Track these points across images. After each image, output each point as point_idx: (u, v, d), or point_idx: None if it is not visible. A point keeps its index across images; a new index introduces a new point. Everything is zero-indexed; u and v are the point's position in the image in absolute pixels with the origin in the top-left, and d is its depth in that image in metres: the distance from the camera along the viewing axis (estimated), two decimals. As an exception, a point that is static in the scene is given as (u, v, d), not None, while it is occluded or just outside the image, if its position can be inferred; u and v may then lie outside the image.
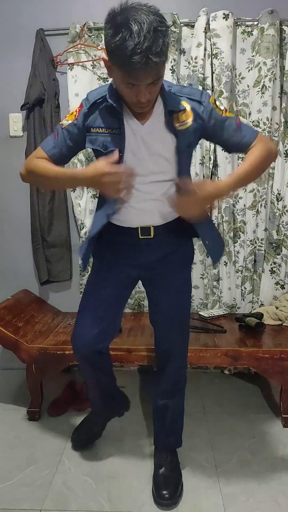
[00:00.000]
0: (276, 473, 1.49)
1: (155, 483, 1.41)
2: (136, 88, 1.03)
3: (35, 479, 1.47)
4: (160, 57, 0.96)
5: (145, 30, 0.92)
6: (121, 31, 0.93)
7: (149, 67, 0.96)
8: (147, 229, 1.26)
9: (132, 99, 1.07)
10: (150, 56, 0.94)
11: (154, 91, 1.07)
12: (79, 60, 2.00)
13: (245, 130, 1.22)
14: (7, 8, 2.05)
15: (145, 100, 1.06)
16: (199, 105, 1.19)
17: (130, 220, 1.26)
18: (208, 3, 1.92)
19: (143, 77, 0.99)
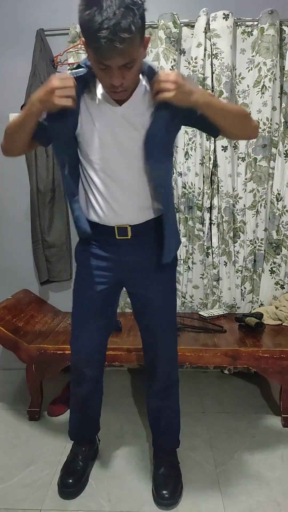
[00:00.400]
0: (276, 473, 1.50)
1: (155, 483, 1.41)
2: (109, 71, 1.00)
3: (35, 479, 1.47)
4: (129, 34, 0.91)
5: (115, 7, 0.90)
6: (92, 6, 0.91)
7: (117, 44, 0.92)
8: (124, 229, 1.24)
9: (107, 83, 1.05)
10: (117, 33, 0.90)
11: (129, 77, 1.03)
12: (79, 60, 1.99)
13: None
14: (7, 8, 2.05)
15: (118, 84, 1.03)
16: None
17: (108, 217, 1.23)
18: (208, 3, 1.92)
19: (111, 56, 0.95)
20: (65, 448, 1.62)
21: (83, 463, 1.47)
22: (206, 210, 2.05)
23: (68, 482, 1.41)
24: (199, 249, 2.08)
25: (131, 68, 1.02)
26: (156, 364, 1.40)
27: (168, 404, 1.45)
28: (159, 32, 1.93)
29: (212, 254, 2.10)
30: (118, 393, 2.04)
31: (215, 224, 2.06)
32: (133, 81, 1.09)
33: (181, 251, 2.12)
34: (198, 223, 2.06)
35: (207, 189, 2.03)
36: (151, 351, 1.41)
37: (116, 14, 0.90)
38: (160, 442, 1.50)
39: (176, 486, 1.39)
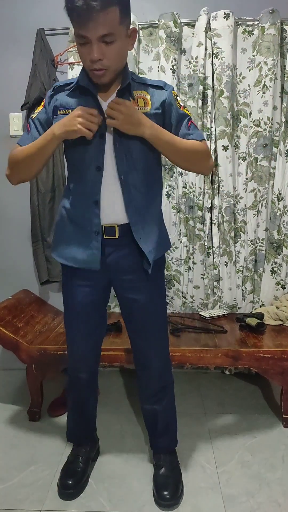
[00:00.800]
0: (277, 473, 1.49)
1: (156, 484, 1.40)
2: (89, 46, 1.04)
3: (35, 480, 1.47)
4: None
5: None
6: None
7: (93, 11, 0.97)
8: (111, 228, 1.23)
9: (87, 61, 1.08)
10: None
11: (109, 54, 1.06)
12: (79, 60, 1.99)
13: (193, 130, 1.22)
14: (7, 8, 2.05)
15: (97, 58, 1.05)
16: (161, 91, 1.21)
17: None
18: (209, 3, 1.91)
19: (87, 23, 0.99)
20: (66, 448, 1.62)
21: (83, 464, 1.46)
22: (206, 210, 2.05)
23: (68, 483, 1.40)
24: (199, 249, 2.07)
25: (110, 43, 1.04)
26: (147, 367, 1.39)
27: (163, 406, 1.43)
28: (159, 32, 1.92)
29: (213, 254, 2.10)
30: (118, 393, 2.04)
31: (216, 224, 2.06)
32: (114, 62, 1.09)
33: (181, 251, 2.12)
34: (199, 223, 2.06)
35: (208, 188, 2.03)
36: (141, 354, 1.39)
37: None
38: (158, 444, 1.49)
39: (176, 486, 1.39)
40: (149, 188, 1.26)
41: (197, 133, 1.22)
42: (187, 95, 2.00)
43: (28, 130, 1.25)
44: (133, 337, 1.39)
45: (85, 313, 1.34)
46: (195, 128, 1.23)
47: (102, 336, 1.46)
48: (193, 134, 1.21)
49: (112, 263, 1.27)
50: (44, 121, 1.24)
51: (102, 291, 1.35)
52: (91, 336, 1.39)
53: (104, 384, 1.53)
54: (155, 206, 1.31)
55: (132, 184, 1.20)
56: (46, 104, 1.24)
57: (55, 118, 1.21)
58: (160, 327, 1.38)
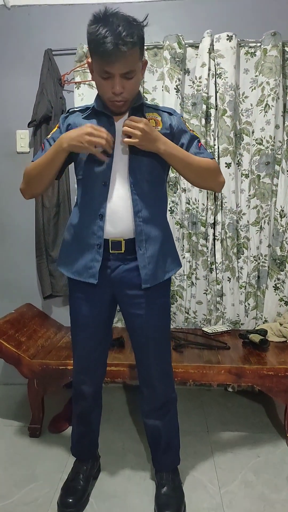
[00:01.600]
0: (281, 494, 1.46)
1: (158, 503, 1.38)
2: (111, 80, 1.12)
3: (35, 497, 1.45)
4: (131, 39, 1.05)
5: (119, 21, 1.06)
6: (99, 22, 1.07)
7: (121, 47, 1.05)
8: (117, 242, 1.25)
9: (108, 93, 1.15)
10: (121, 38, 1.04)
11: (128, 87, 1.14)
12: (85, 79, 2.05)
13: (203, 150, 1.30)
14: (17, 29, 2.11)
15: (119, 92, 1.13)
16: (170, 115, 1.29)
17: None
18: (212, 25, 1.97)
19: (115, 60, 1.07)
20: (66, 466, 1.60)
21: (84, 482, 1.44)
22: (209, 225, 2.06)
23: (68, 502, 1.38)
24: (202, 264, 2.08)
25: (130, 79, 1.13)
26: (150, 383, 1.38)
27: (165, 422, 1.42)
28: (164, 52, 1.97)
29: (216, 269, 2.10)
30: (120, 410, 2.02)
31: (219, 239, 2.07)
32: (132, 94, 1.18)
33: (184, 267, 2.12)
34: (202, 239, 2.07)
35: (211, 205, 2.04)
36: (143, 368, 1.39)
37: (119, 26, 1.05)
38: (160, 461, 1.47)
39: (179, 506, 1.36)
40: (156, 202, 1.29)
41: (207, 153, 1.30)
42: (190, 114, 2.04)
43: (42, 148, 1.31)
44: (136, 351, 1.39)
45: (90, 326, 1.35)
46: (205, 149, 1.31)
47: (107, 350, 1.46)
48: (204, 153, 1.29)
49: (117, 277, 1.28)
50: None
51: (107, 305, 1.36)
52: (96, 349, 1.39)
53: (106, 400, 1.51)
54: (162, 220, 1.33)
55: (140, 197, 1.23)
56: (61, 125, 1.30)
57: None
58: (163, 343, 1.38)
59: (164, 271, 1.31)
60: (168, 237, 1.35)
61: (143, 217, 1.24)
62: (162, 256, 1.30)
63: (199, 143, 1.30)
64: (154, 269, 1.27)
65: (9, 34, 2.12)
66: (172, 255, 1.36)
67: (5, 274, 2.29)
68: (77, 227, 1.30)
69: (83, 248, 1.27)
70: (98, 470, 1.56)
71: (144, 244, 1.25)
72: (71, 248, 1.32)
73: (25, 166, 2.24)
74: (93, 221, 1.24)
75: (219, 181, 1.32)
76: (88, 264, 1.27)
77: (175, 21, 2.03)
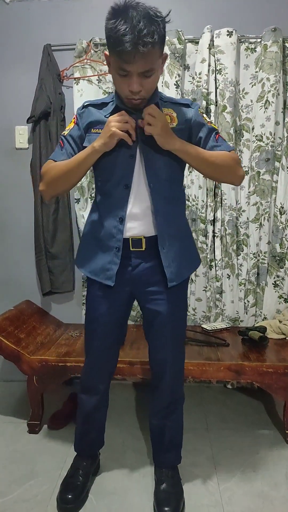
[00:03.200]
0: (280, 491, 1.46)
1: (157, 500, 1.38)
2: (129, 77, 1.08)
3: (35, 494, 1.45)
4: (151, 39, 1.00)
5: (139, 17, 0.99)
6: (118, 16, 1.01)
7: (140, 48, 1.00)
8: (138, 240, 1.25)
9: (125, 91, 1.12)
10: (140, 38, 0.99)
11: (146, 86, 1.11)
12: (85, 75, 2.03)
13: (221, 142, 1.26)
14: (16, 24, 2.10)
15: (137, 90, 1.10)
16: (187, 108, 1.26)
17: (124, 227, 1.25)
18: (212, 20, 1.96)
19: (134, 60, 1.03)
20: (66, 462, 1.60)
21: (83, 478, 1.44)
22: (209, 222, 2.06)
23: (67, 498, 1.38)
24: (202, 261, 2.07)
25: (149, 77, 1.09)
26: (161, 380, 1.38)
27: (171, 421, 1.43)
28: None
29: (215, 266, 2.10)
30: (120, 407, 2.02)
31: (218, 236, 2.07)
32: (149, 92, 1.15)
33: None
34: (201, 236, 2.06)
35: (211, 202, 2.04)
36: (157, 366, 1.39)
37: (140, 23, 0.99)
38: (161, 458, 1.47)
39: (178, 503, 1.36)
40: (174, 200, 1.29)
41: (225, 145, 1.26)
42: (190, 109, 2.03)
43: (61, 145, 1.28)
44: (151, 346, 1.39)
45: (106, 324, 1.35)
46: (223, 140, 1.26)
47: (119, 348, 1.47)
48: (222, 145, 1.25)
49: (138, 275, 1.29)
50: (77, 137, 1.28)
51: (124, 304, 1.36)
52: (110, 348, 1.40)
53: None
54: (181, 218, 1.33)
55: (158, 196, 1.23)
56: (78, 121, 1.28)
57: (87, 135, 1.26)
58: (178, 340, 1.39)
59: (186, 268, 1.33)
60: (188, 235, 1.36)
61: (163, 216, 1.24)
62: (184, 254, 1.31)
63: (216, 136, 1.25)
64: (178, 267, 1.28)
65: (8, 29, 2.10)
66: (193, 252, 1.38)
67: (4, 271, 2.28)
68: (97, 228, 1.30)
69: (102, 250, 1.28)
70: (97, 467, 1.56)
71: (166, 243, 1.25)
72: (90, 247, 1.33)
73: (24, 163, 2.25)
74: (113, 224, 1.25)
75: (237, 174, 1.26)
76: (105, 266, 1.28)
77: (175, 16, 1.99)
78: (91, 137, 1.24)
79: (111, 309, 1.34)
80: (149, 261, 1.28)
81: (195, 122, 1.25)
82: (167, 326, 1.33)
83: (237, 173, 1.26)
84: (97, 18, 2.04)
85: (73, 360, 1.74)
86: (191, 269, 1.37)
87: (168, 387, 1.39)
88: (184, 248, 1.31)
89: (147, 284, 1.30)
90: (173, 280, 1.27)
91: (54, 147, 2.04)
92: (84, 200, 2.10)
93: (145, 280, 1.29)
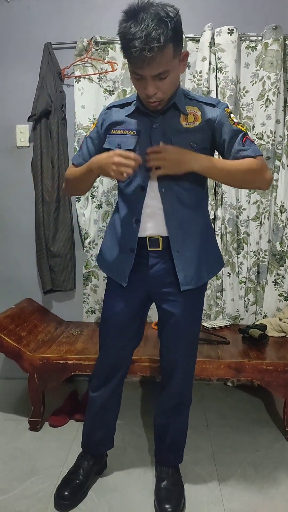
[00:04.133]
0: (280, 488, 1.47)
1: (157, 497, 1.39)
2: (143, 81, 1.07)
3: (35, 491, 1.45)
4: (157, 43, 0.98)
5: (149, 19, 0.97)
6: (129, 20, 1.00)
7: (146, 53, 0.99)
8: (155, 240, 1.25)
9: (142, 93, 1.12)
10: (147, 44, 0.97)
11: (163, 88, 1.09)
12: (85, 73, 2.03)
13: (248, 145, 1.19)
14: (16, 23, 2.09)
15: (152, 94, 1.09)
16: (212, 108, 1.21)
17: (140, 227, 1.24)
18: (213, 18, 1.95)
19: (142, 65, 1.02)
20: (67, 460, 1.61)
21: (83, 477, 1.45)
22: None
23: (64, 494, 1.38)
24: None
25: (164, 78, 1.07)
26: (171, 381, 1.38)
27: (176, 422, 1.43)
28: (164, 47, 1.96)
29: (216, 265, 2.10)
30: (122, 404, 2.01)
31: (219, 235, 2.07)
32: (167, 93, 1.13)
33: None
34: (202, 234, 2.06)
35: (211, 200, 2.04)
36: (168, 366, 1.38)
37: (148, 26, 0.97)
38: (163, 457, 1.47)
39: (178, 500, 1.37)
40: (192, 201, 1.25)
41: (252, 148, 1.19)
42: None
43: (80, 148, 1.33)
44: (163, 346, 1.39)
45: (121, 323, 1.35)
46: (251, 143, 1.20)
47: (134, 348, 1.45)
48: (248, 149, 1.18)
49: (154, 274, 1.28)
50: (96, 139, 1.30)
51: (140, 304, 1.36)
52: (124, 347, 1.40)
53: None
54: (200, 221, 1.29)
55: (175, 196, 1.21)
56: (99, 124, 1.30)
57: (108, 137, 1.26)
58: (191, 343, 1.38)
59: (206, 271, 1.31)
60: (208, 236, 1.33)
61: (177, 219, 1.22)
62: (203, 257, 1.28)
63: (244, 138, 1.19)
64: (195, 271, 1.27)
65: (9, 28, 2.10)
66: (214, 254, 1.35)
67: (5, 269, 2.29)
68: (115, 228, 1.32)
69: (119, 250, 1.30)
70: (103, 467, 1.56)
71: (179, 246, 1.24)
72: (109, 246, 1.34)
73: (24, 161, 2.26)
74: (130, 225, 1.26)
75: (265, 179, 1.21)
76: (120, 266, 1.30)
77: (175, 14, 2.01)
78: (111, 138, 1.26)
79: (126, 309, 1.34)
80: (166, 261, 1.26)
81: (219, 123, 1.19)
82: (180, 328, 1.32)
83: (265, 178, 1.21)
84: (98, 16, 2.05)
85: (74, 358, 1.75)
86: (212, 273, 1.34)
87: (177, 388, 1.39)
88: (203, 250, 1.28)
89: (162, 284, 1.29)
90: (187, 283, 1.25)
91: (55, 145, 2.05)
92: (85, 199, 2.11)
93: (161, 281, 1.28)
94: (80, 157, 1.32)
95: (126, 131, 1.23)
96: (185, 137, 1.19)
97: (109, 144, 1.26)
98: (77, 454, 1.53)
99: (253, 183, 1.25)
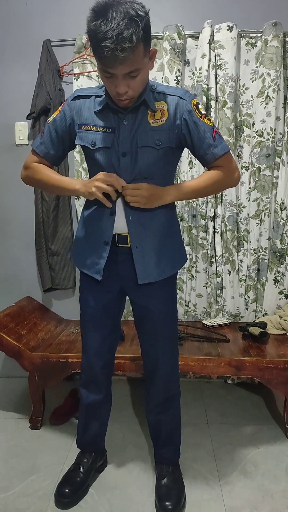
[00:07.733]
0: (280, 485, 1.47)
1: (158, 494, 1.39)
2: (114, 79, 1.06)
3: (36, 489, 1.46)
4: (130, 43, 0.97)
5: (120, 18, 0.96)
6: (98, 18, 0.98)
7: (118, 53, 0.98)
8: (124, 237, 1.25)
9: (113, 91, 1.11)
10: (119, 42, 0.96)
11: (134, 86, 1.09)
12: (84, 70, 2.03)
13: (218, 141, 1.21)
14: (15, 20, 2.08)
15: (123, 92, 1.08)
16: (179, 99, 1.19)
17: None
18: (212, 15, 1.95)
19: (114, 64, 1.01)
20: (67, 458, 1.61)
21: (83, 474, 1.45)
22: (209, 218, 2.06)
23: (64, 492, 1.39)
24: (202, 257, 2.08)
25: (135, 77, 1.07)
26: (155, 376, 1.39)
27: (167, 417, 1.43)
28: (164, 43, 1.95)
29: (216, 262, 2.10)
30: (121, 402, 2.02)
31: (219, 232, 2.06)
32: (138, 91, 1.13)
33: (184, 260, 2.12)
34: (202, 232, 2.06)
35: (211, 197, 2.03)
36: (150, 362, 1.39)
37: (119, 25, 0.96)
38: (160, 455, 1.48)
39: (179, 497, 1.37)
40: None
41: (221, 146, 1.22)
42: (190, 105, 2.02)
43: (42, 134, 1.29)
44: (143, 343, 1.40)
45: (98, 318, 1.36)
46: (220, 138, 1.22)
47: (115, 343, 1.47)
48: (218, 146, 1.21)
49: (124, 271, 1.29)
50: (61, 128, 1.26)
51: (115, 298, 1.36)
52: (104, 342, 1.40)
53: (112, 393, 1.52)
54: (162, 217, 1.28)
55: None
56: (66, 110, 1.25)
57: (78, 132, 1.25)
58: (170, 336, 1.39)
59: (169, 266, 1.31)
60: (171, 231, 1.32)
61: (137, 213, 1.23)
62: (165, 252, 1.29)
63: (213, 133, 1.19)
64: (154, 265, 1.27)
65: (7, 25, 2.09)
66: (177, 250, 1.35)
67: (5, 267, 2.28)
68: (88, 222, 1.31)
69: (92, 244, 1.30)
70: (103, 464, 1.56)
71: (138, 240, 1.25)
72: (83, 241, 1.34)
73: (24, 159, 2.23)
74: (104, 218, 1.25)
75: (233, 181, 1.30)
76: (95, 260, 1.29)
77: (174, 11, 2.00)
78: (82, 134, 1.23)
79: (101, 303, 1.35)
80: (134, 257, 1.27)
81: (184, 121, 1.19)
82: (156, 323, 1.33)
83: (232, 180, 1.30)
84: (97, 13, 2.05)
85: (74, 356, 1.75)
86: (175, 267, 1.34)
87: (162, 383, 1.39)
88: (164, 245, 1.29)
89: (131, 280, 1.29)
90: (145, 277, 1.26)
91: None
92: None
93: (132, 277, 1.28)
94: (43, 146, 1.28)
95: (99, 128, 1.21)
96: (150, 136, 1.19)
97: (81, 140, 1.24)
98: (77, 452, 1.53)
99: (223, 188, 1.43)
